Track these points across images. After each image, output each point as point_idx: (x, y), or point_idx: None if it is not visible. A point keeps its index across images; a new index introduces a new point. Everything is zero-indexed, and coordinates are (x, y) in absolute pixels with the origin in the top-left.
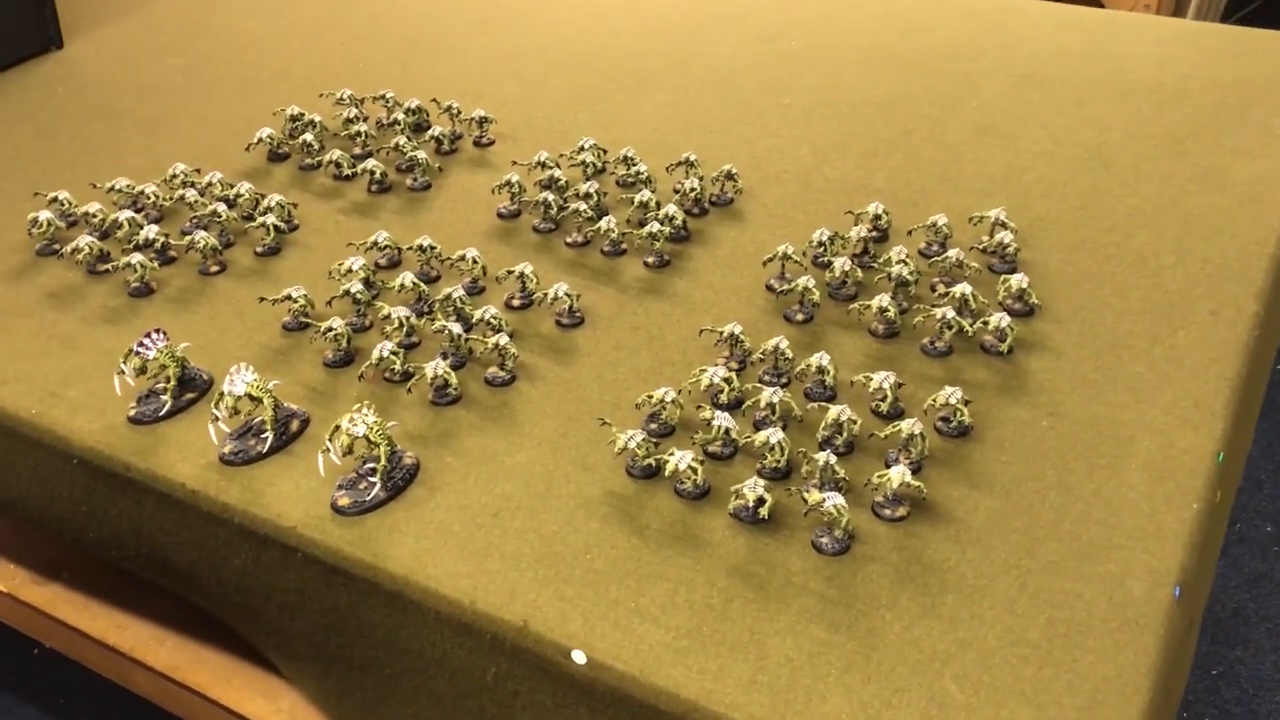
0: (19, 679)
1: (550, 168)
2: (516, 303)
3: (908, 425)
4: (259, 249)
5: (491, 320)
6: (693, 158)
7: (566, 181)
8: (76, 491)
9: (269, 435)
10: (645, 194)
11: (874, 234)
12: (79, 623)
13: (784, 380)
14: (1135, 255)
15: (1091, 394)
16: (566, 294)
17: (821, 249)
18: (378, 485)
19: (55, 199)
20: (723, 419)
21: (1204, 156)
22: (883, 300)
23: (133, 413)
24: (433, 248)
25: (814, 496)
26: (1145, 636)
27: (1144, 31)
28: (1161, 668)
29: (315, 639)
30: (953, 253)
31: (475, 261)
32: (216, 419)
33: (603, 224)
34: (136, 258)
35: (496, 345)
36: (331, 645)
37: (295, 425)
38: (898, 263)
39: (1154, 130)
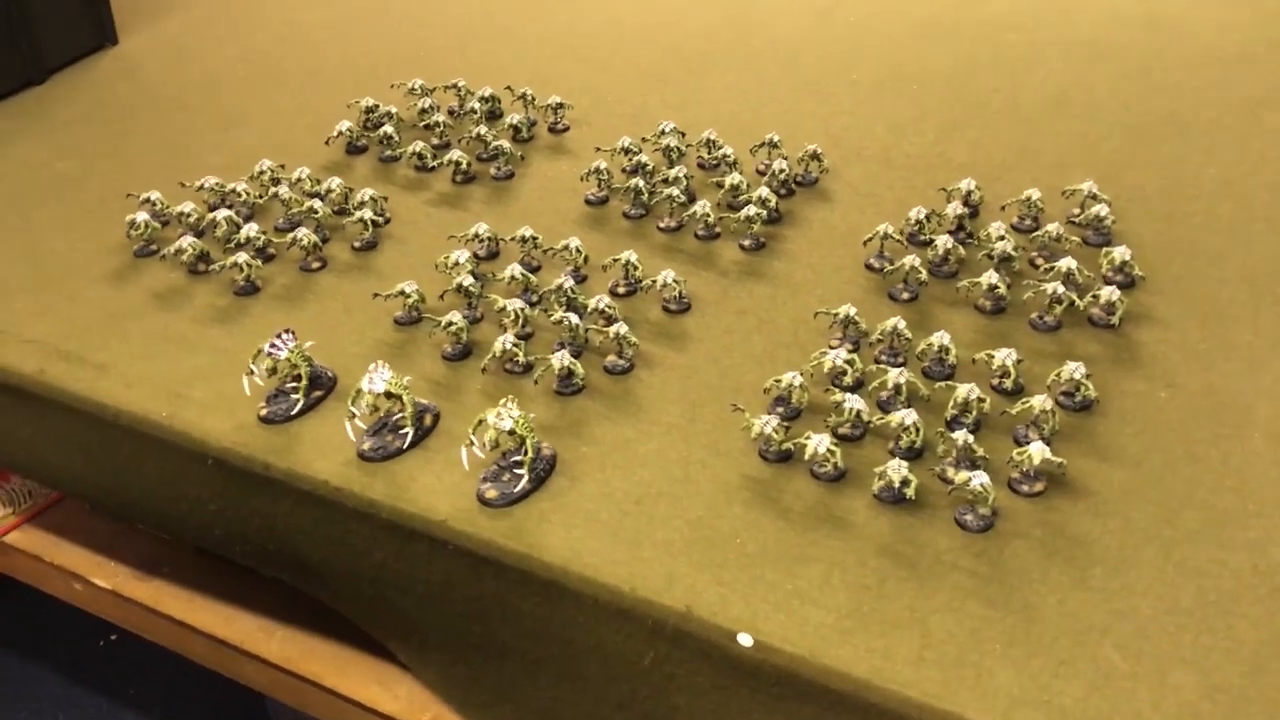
0: (90, 669)
1: (636, 153)
2: (621, 290)
3: (1038, 401)
4: (356, 244)
5: (606, 309)
6: (776, 139)
7: (653, 167)
8: (206, 491)
9: (408, 431)
10: (735, 177)
11: (967, 210)
12: (185, 616)
13: (901, 360)
14: (1225, 224)
15: (1204, 363)
16: (675, 280)
17: (919, 227)
18: (525, 477)
19: (148, 199)
20: (854, 401)
21: (1277, 120)
22: (992, 277)
23: (264, 412)
24: (535, 238)
25: (960, 476)
26: None
27: None
28: None
29: (451, 628)
30: (1052, 226)
31: (578, 251)
32: (354, 416)
33: (696, 208)
34: (242, 257)
35: (616, 335)
36: (472, 634)
37: (429, 420)
38: (998, 239)
39: (1225, 96)
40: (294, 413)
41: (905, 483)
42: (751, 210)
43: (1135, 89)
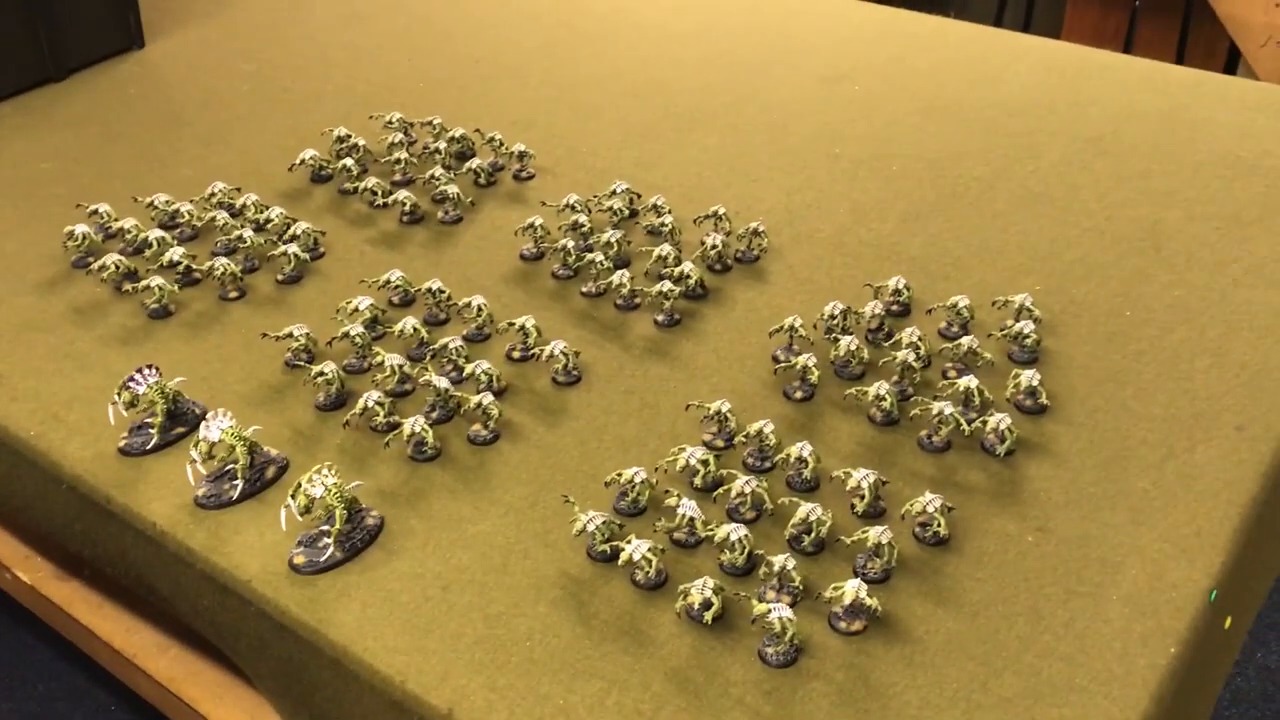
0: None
1: (578, 211)
2: (517, 355)
3: (875, 533)
4: (280, 276)
5: (481, 375)
6: (721, 211)
7: (591, 227)
8: (71, 511)
9: (240, 483)
10: (665, 248)
11: (895, 307)
12: (91, 623)
13: (768, 464)
14: (1169, 353)
15: (1087, 509)
16: (563, 352)
17: (834, 321)
18: (332, 547)
19: (95, 211)
20: (688, 508)
21: (1266, 244)
22: (880, 388)
23: (123, 443)
24: (442, 292)
25: (760, 607)
26: None
27: (1230, 96)
28: None
29: (279, 681)
30: (966, 340)
31: (481, 310)
32: (194, 461)
33: (616, 277)
34: (156, 280)
35: (479, 404)
36: (294, 691)
37: (271, 472)
38: (907, 346)
39: (1219, 211)
40: (149, 447)
41: (706, 605)
42: (667, 286)
43: (1124, 193)
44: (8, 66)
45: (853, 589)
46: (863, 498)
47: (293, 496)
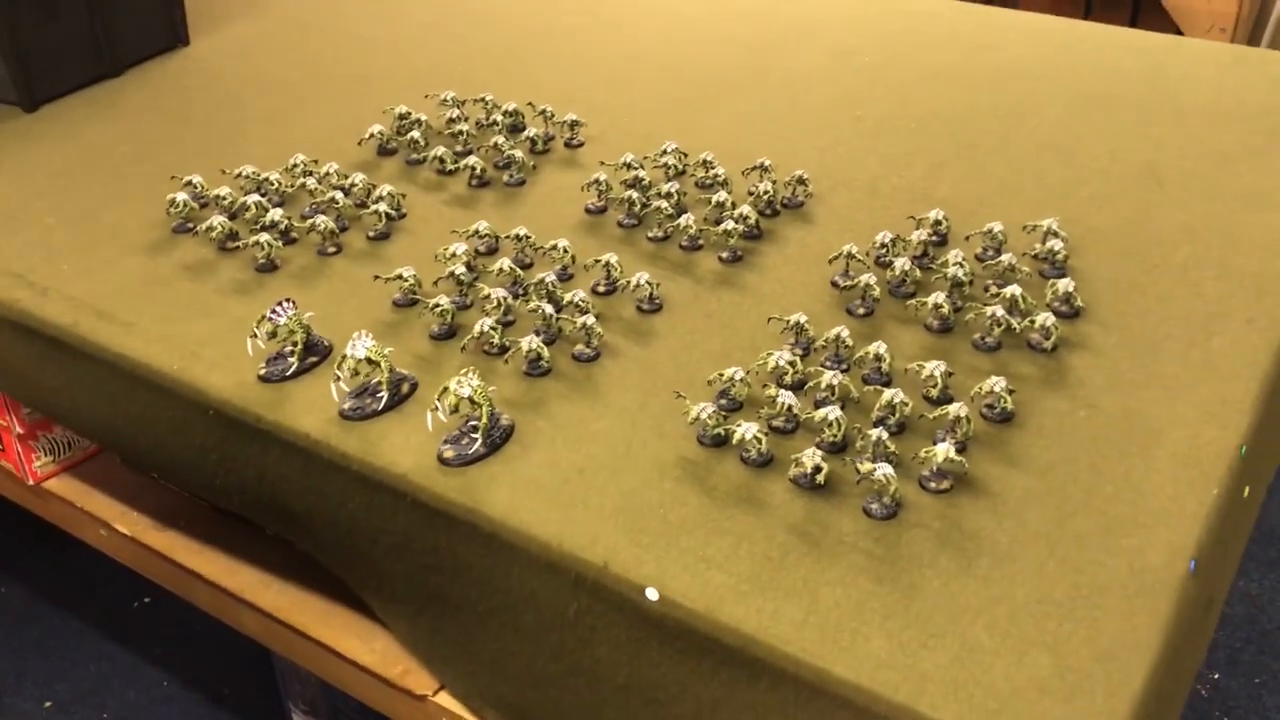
0: (123, 627)
1: (635, 169)
2: (602, 289)
3: (955, 408)
4: (371, 234)
5: (580, 303)
6: (767, 162)
7: (650, 182)
8: (209, 441)
9: (384, 395)
10: (722, 194)
11: (934, 238)
12: (195, 565)
13: (844, 367)
14: (1179, 267)
15: (1127, 390)
16: (648, 282)
17: (884, 250)
18: (479, 441)
19: (189, 182)
20: (786, 396)
21: (1254, 177)
22: (938, 297)
23: (263, 372)
24: (527, 237)
25: (866, 466)
26: (1160, 601)
27: (1207, 57)
28: (1174, 630)
29: (415, 579)
30: (1006, 257)
31: (565, 250)
32: (338, 379)
33: (682, 220)
34: (264, 236)
35: (584, 325)
36: (430, 585)
37: (406, 388)
38: (954, 265)
39: (1207, 150)
40: (289, 374)
41: (818, 469)
42: (730, 225)
43: (1121, 140)
44: (72, 63)
45: (943, 449)
46: (936, 385)
47: (439, 399)
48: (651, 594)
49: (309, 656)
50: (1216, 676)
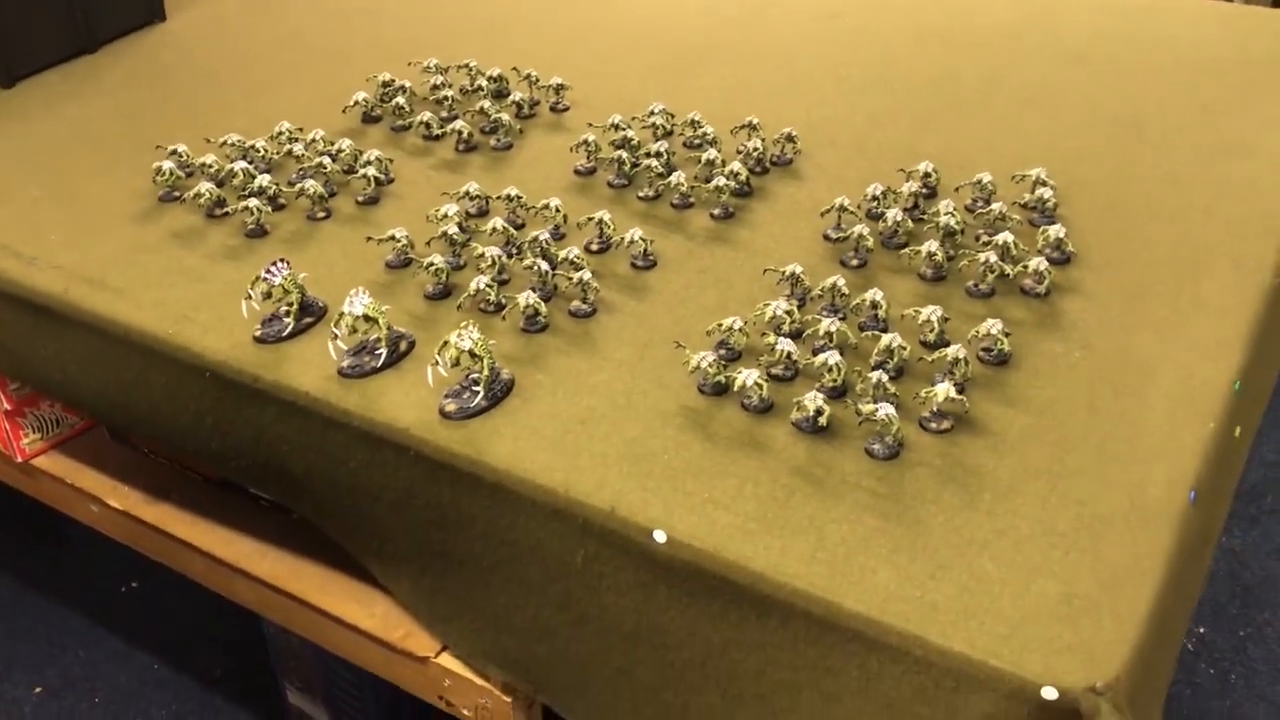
0: (110, 612)
1: (623, 129)
2: (595, 247)
3: (953, 350)
4: (360, 198)
5: (575, 260)
6: (755, 121)
7: (639, 142)
8: (204, 404)
9: (383, 351)
10: (711, 152)
11: (924, 190)
12: (188, 536)
13: (841, 315)
14: (1165, 214)
15: (1120, 332)
16: (641, 238)
17: (875, 202)
18: (481, 393)
19: (175, 151)
20: (785, 344)
21: (1233, 128)
22: (931, 245)
23: (258, 333)
24: (519, 197)
25: (867, 407)
26: (1162, 531)
27: (1183, 14)
28: (1175, 558)
29: (417, 536)
30: (996, 205)
31: (558, 210)
32: (335, 337)
33: (672, 179)
34: (253, 201)
35: (580, 281)
36: (433, 541)
37: (404, 345)
38: (945, 214)
39: (1188, 103)
40: (285, 334)
41: (819, 412)
42: (720, 181)
43: (1103, 94)
44: (49, 39)
45: (943, 389)
46: (933, 329)
47: (439, 353)
48: (659, 536)
49: (307, 624)
50: (1202, 630)
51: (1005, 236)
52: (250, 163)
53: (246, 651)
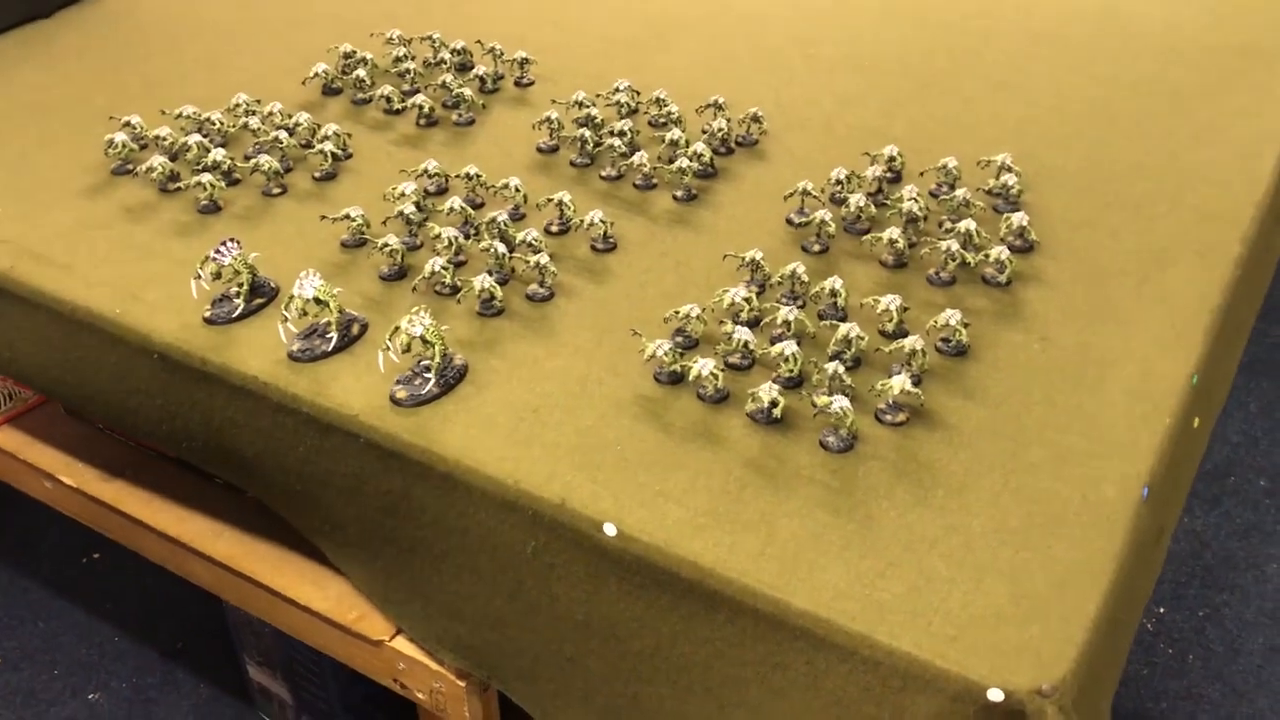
0: (71, 584)
1: (587, 106)
2: (555, 228)
3: (910, 341)
4: (316, 174)
5: (533, 242)
6: (721, 100)
7: (602, 120)
8: (154, 386)
9: (333, 335)
10: (675, 133)
11: (888, 175)
12: (143, 515)
13: (800, 303)
14: (1132, 203)
15: (1081, 323)
16: (602, 220)
17: (839, 186)
18: (432, 381)
19: (128, 123)
20: (742, 332)
21: (1203, 115)
22: (893, 232)
23: (208, 314)
24: (478, 175)
25: (823, 399)
26: (1114, 529)
27: None
28: (1127, 557)
29: (368, 523)
30: (960, 192)
31: (518, 189)
32: (286, 320)
33: (635, 159)
34: (206, 177)
35: (538, 264)
36: (384, 528)
37: (356, 329)
38: (908, 200)
39: (1159, 89)
40: (235, 315)
41: (774, 404)
42: (684, 163)
43: (1074, 78)
44: None
45: (899, 381)
46: (891, 318)
47: (390, 338)
48: (609, 529)
49: (262, 605)
50: (1162, 610)
51: (968, 224)
52: (205, 135)
53: (208, 624)
